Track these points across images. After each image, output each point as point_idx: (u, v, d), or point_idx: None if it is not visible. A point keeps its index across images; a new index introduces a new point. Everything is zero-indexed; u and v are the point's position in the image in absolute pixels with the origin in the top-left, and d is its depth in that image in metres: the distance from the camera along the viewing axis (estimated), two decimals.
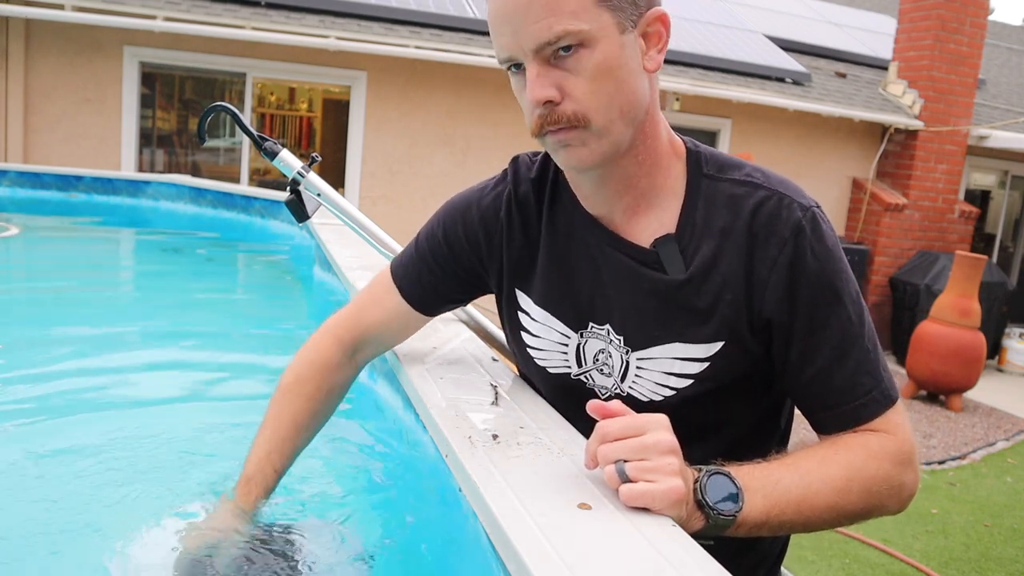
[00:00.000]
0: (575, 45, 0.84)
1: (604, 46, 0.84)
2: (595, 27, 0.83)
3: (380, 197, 6.55)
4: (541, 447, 0.90)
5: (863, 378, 0.92)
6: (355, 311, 1.17)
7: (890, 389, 0.94)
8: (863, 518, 0.92)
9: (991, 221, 9.33)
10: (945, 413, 6.04)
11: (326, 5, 6.26)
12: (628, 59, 0.87)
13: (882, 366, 0.95)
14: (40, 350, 2.20)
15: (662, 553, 0.68)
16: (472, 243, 1.08)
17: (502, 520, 0.71)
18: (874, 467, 0.90)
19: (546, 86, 0.85)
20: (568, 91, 0.85)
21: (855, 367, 0.92)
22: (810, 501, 0.86)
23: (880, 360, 0.95)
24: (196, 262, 3.98)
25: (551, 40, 0.83)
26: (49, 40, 5.64)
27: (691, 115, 7.44)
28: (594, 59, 0.84)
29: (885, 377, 0.94)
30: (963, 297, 6.02)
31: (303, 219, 1.59)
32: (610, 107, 0.87)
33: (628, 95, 0.88)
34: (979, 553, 3.66)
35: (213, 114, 1.65)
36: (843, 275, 0.94)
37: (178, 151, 6.53)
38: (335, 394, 1.17)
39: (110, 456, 1.43)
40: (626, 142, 0.91)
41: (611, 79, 0.86)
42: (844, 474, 0.88)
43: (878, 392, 0.93)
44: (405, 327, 1.18)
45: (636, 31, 0.87)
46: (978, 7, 7.69)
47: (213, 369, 2.17)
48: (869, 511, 0.91)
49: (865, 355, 0.93)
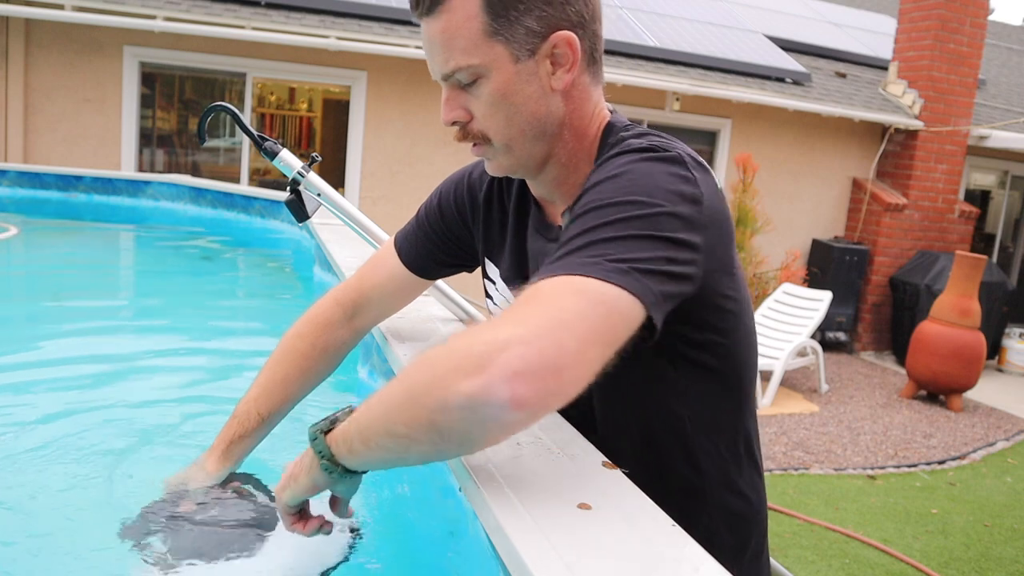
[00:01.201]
0: (474, 75, 0.92)
1: (497, 76, 0.92)
2: (487, 60, 0.91)
3: (380, 197, 6.55)
4: (541, 447, 0.90)
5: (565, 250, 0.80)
6: (356, 276, 1.27)
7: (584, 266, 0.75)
8: (419, 436, 0.72)
9: (991, 221, 9.33)
10: (945, 413, 6.05)
11: (326, 5, 6.26)
12: (525, 85, 0.93)
13: (618, 255, 0.76)
14: (40, 350, 2.20)
15: (661, 553, 0.68)
16: (461, 212, 1.19)
17: (502, 520, 0.71)
18: (423, 364, 0.73)
19: (453, 108, 0.96)
20: (472, 113, 0.95)
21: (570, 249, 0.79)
22: (371, 402, 0.79)
23: (622, 252, 0.77)
24: (194, 261, 3.98)
25: (448, 73, 0.93)
26: (49, 40, 5.64)
27: (691, 115, 7.44)
28: (489, 88, 0.92)
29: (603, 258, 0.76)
30: (963, 297, 6.02)
31: (303, 219, 1.59)
32: (508, 129, 0.95)
33: (527, 117, 0.94)
34: (979, 553, 3.66)
35: (213, 114, 1.65)
36: (621, 177, 0.83)
37: (178, 151, 6.53)
38: (330, 352, 1.23)
39: (110, 455, 1.43)
40: (539, 154, 0.99)
41: (506, 105, 0.93)
42: (400, 375, 0.77)
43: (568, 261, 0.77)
44: (401, 289, 1.25)
45: (536, 57, 0.92)
46: (978, 7, 7.69)
47: (212, 369, 2.17)
48: (418, 425, 0.72)
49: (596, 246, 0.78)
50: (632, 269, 0.75)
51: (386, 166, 6.55)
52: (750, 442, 1.04)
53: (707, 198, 0.86)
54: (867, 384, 6.72)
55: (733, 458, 1.01)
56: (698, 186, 0.85)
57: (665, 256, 0.79)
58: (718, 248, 0.88)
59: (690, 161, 0.87)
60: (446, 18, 0.90)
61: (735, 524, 1.03)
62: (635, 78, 6.81)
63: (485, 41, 0.90)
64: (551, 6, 0.91)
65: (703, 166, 0.90)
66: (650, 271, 0.77)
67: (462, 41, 0.90)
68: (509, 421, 0.68)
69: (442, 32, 0.91)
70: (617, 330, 0.74)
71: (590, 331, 0.70)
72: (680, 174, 0.85)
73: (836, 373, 6.95)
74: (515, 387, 0.65)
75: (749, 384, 1.02)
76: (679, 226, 0.81)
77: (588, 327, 0.70)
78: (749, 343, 1.00)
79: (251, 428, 1.18)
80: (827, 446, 5.01)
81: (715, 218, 0.87)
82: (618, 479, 0.83)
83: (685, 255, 0.81)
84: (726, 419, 1.00)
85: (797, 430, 5.26)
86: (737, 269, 0.95)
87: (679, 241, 0.81)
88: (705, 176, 0.88)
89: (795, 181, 7.97)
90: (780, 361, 5.76)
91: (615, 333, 0.74)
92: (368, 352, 1.69)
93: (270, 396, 1.19)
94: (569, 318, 0.70)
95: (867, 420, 5.66)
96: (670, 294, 0.80)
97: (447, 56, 0.91)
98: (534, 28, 0.91)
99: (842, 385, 6.58)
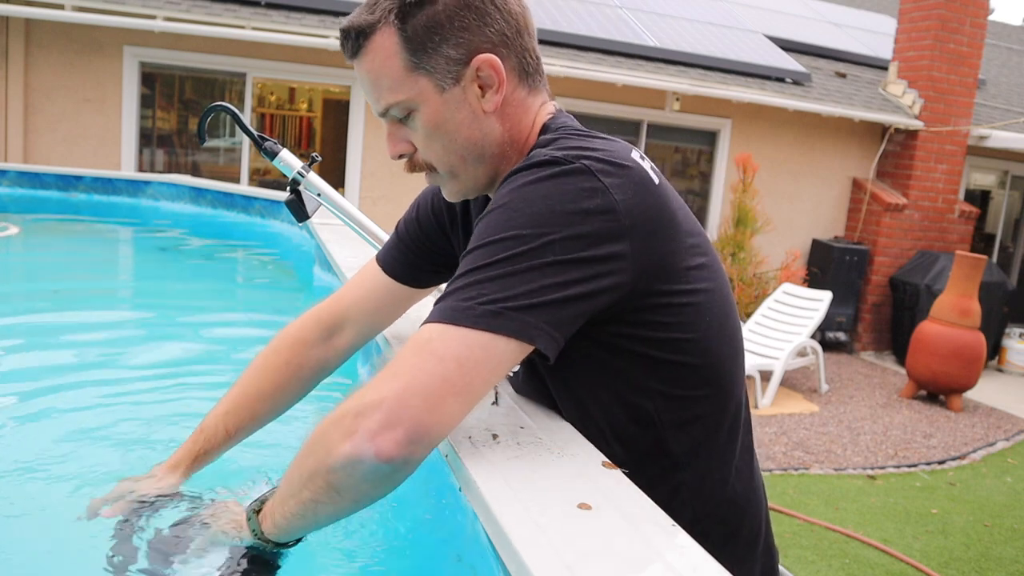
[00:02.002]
0: (406, 110, 0.95)
1: (426, 108, 0.94)
2: (412, 94, 0.94)
3: (380, 197, 6.55)
4: (541, 447, 0.90)
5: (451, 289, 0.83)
6: (337, 293, 1.25)
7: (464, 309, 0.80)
8: (321, 498, 0.82)
9: (991, 221, 9.33)
10: (945, 413, 6.05)
11: (326, 5, 6.26)
12: (455, 112, 0.95)
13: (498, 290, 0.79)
14: (39, 350, 2.20)
15: (661, 553, 0.68)
16: (439, 220, 1.18)
17: (502, 520, 0.72)
18: (316, 433, 0.83)
19: (396, 143, 0.99)
20: (415, 144, 0.98)
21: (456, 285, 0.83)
22: (284, 477, 0.88)
23: (505, 289, 0.79)
24: (194, 261, 3.98)
25: (382, 111, 0.97)
26: (49, 40, 5.64)
27: (691, 115, 7.44)
28: (422, 120, 0.95)
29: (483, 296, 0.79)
30: (963, 297, 6.02)
31: (303, 219, 1.59)
32: (447, 156, 0.97)
33: (463, 143, 0.96)
34: (979, 553, 3.66)
35: (213, 114, 1.65)
36: (508, 208, 0.83)
37: (178, 151, 6.53)
38: (305, 371, 1.20)
39: (108, 455, 1.43)
40: (484, 176, 1.00)
41: (440, 134, 0.96)
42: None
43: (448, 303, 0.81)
44: (385, 303, 1.23)
45: (462, 84, 0.94)
46: (978, 7, 7.69)
47: (212, 368, 2.18)
48: (317, 488, 0.82)
49: (479, 277, 0.81)
50: (506, 309, 0.79)
51: (386, 166, 6.55)
52: (735, 430, 1.01)
53: (624, 202, 0.83)
54: (867, 384, 6.72)
55: (715, 447, 0.99)
56: (609, 193, 0.82)
57: (555, 282, 0.80)
58: (656, 244, 0.86)
59: (599, 167, 0.83)
60: (370, 59, 0.93)
61: (723, 513, 1.02)
62: (635, 78, 6.81)
63: (408, 76, 0.93)
64: (468, 31, 0.92)
65: (619, 165, 0.85)
66: (531, 305, 0.79)
67: (387, 80, 0.93)
68: (385, 473, 0.77)
69: (368, 72, 0.94)
70: (475, 375, 0.79)
71: (441, 387, 0.77)
72: (582, 187, 0.82)
73: (836, 373, 6.95)
74: (378, 444, 0.75)
75: (729, 373, 0.98)
76: (577, 246, 0.81)
77: (439, 383, 0.77)
78: (723, 332, 0.95)
79: (217, 444, 1.15)
80: (827, 446, 5.01)
81: (644, 216, 0.84)
82: (618, 479, 0.83)
83: (589, 270, 0.81)
84: (702, 409, 0.97)
85: (797, 430, 5.26)
86: (692, 260, 0.91)
87: (578, 261, 0.81)
88: (621, 178, 0.84)
89: (795, 181, 7.97)
90: (780, 361, 5.76)
91: (471, 379, 0.79)
92: (368, 352, 1.69)
93: (239, 412, 1.16)
94: (420, 378, 0.77)
95: (867, 420, 5.66)
96: (569, 317, 0.82)
97: (377, 95, 0.95)
98: (453, 56, 0.92)
99: (842, 385, 6.58)
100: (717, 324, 0.94)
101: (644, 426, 0.95)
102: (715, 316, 0.94)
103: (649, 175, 0.88)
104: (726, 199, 7.64)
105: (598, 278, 0.82)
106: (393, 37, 0.92)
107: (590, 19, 7.56)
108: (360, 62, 0.95)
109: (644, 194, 0.85)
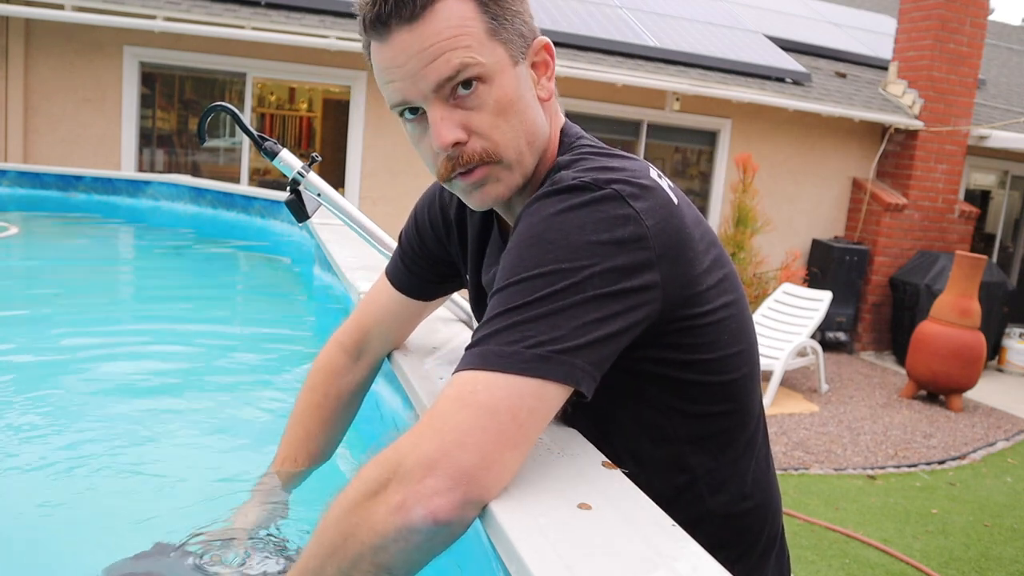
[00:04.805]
0: (475, 80, 0.83)
1: (501, 80, 0.85)
2: (491, 61, 0.84)
3: (380, 198, 6.55)
4: (541, 447, 0.90)
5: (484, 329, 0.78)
6: (354, 315, 1.25)
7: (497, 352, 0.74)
8: (348, 561, 0.74)
9: (991, 221, 9.33)
10: (945, 413, 6.05)
11: (326, 5, 6.26)
12: (524, 90, 0.88)
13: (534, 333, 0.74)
14: (39, 350, 2.20)
15: (661, 553, 0.68)
16: (436, 232, 1.15)
17: (502, 520, 0.71)
18: (341, 498, 0.75)
19: (452, 127, 0.84)
20: (474, 129, 0.85)
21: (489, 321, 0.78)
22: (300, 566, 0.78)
23: (542, 331, 0.74)
24: (195, 260, 3.98)
25: (451, 74, 0.82)
26: (49, 40, 5.64)
27: (691, 115, 7.44)
28: (494, 94, 0.84)
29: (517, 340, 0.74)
30: (963, 297, 6.02)
31: (303, 219, 1.59)
32: (517, 139, 0.87)
33: (530, 125, 0.88)
34: (979, 553, 3.66)
35: (213, 114, 1.65)
36: (543, 240, 0.78)
37: (178, 151, 6.53)
38: (345, 398, 1.22)
39: (107, 455, 1.43)
40: (531, 172, 0.91)
41: (513, 111, 0.86)
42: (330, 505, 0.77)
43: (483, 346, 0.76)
44: (401, 318, 1.23)
45: (526, 62, 0.89)
46: (978, 7, 7.69)
47: (210, 368, 2.18)
48: (364, 571, 0.74)
49: (512, 315, 0.75)
50: (553, 353, 0.74)
51: (386, 166, 6.55)
52: (752, 442, 1.00)
53: (653, 227, 0.80)
54: (867, 384, 6.72)
55: (732, 461, 0.98)
56: (640, 220, 0.79)
57: (597, 318, 0.76)
58: (680, 270, 0.83)
59: (628, 191, 0.80)
60: (440, 19, 0.82)
61: (741, 525, 1.01)
62: (635, 78, 6.81)
63: (488, 41, 0.84)
64: (528, 14, 0.90)
65: (645, 187, 0.82)
66: (578, 346, 0.75)
67: (467, 39, 0.82)
68: (442, 538, 0.72)
69: (435, 35, 0.82)
70: (530, 424, 0.74)
71: (497, 441, 0.71)
72: (614, 215, 0.78)
73: (836, 373, 6.95)
74: (434, 509, 0.69)
75: (747, 387, 0.96)
76: (616, 278, 0.77)
77: (494, 438, 0.71)
78: (740, 348, 0.93)
79: (292, 482, 1.17)
80: (827, 446, 5.01)
81: (669, 242, 0.81)
82: (618, 479, 0.83)
83: (628, 302, 0.78)
84: (720, 425, 0.95)
85: (797, 430, 5.26)
86: (713, 277, 0.88)
87: (617, 293, 0.77)
88: (648, 201, 0.81)
89: (795, 181, 7.97)
90: (780, 361, 5.76)
91: (526, 429, 0.73)
92: None
93: (295, 458, 1.17)
94: (474, 435, 0.71)
95: (867, 420, 5.66)
96: (608, 356, 0.79)
97: (450, 55, 0.82)
98: (523, 32, 0.88)
99: (842, 385, 6.58)
100: (733, 337, 0.92)
101: (660, 442, 0.93)
102: (738, 325, 0.92)
103: (670, 196, 0.85)
104: (726, 199, 7.64)
105: (635, 310, 0.79)
106: (471, 1, 0.84)
107: (590, 19, 7.56)
108: (422, 24, 0.82)
109: (669, 217, 0.82)
